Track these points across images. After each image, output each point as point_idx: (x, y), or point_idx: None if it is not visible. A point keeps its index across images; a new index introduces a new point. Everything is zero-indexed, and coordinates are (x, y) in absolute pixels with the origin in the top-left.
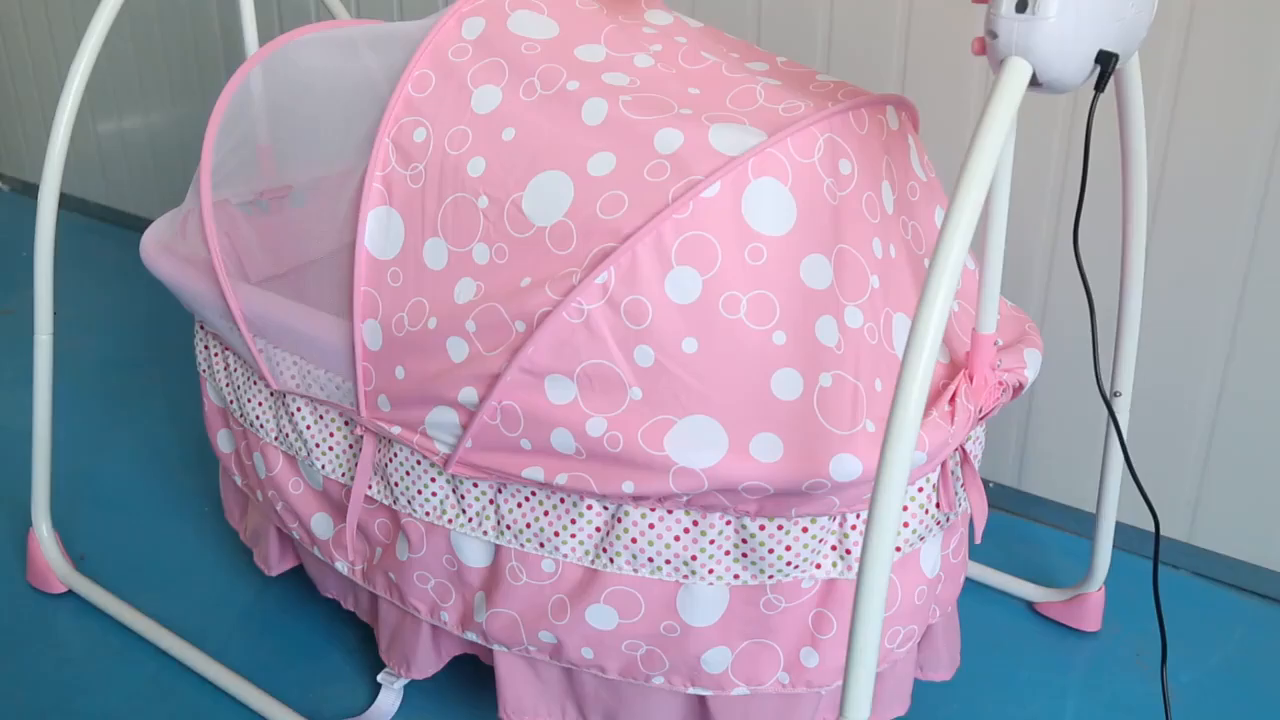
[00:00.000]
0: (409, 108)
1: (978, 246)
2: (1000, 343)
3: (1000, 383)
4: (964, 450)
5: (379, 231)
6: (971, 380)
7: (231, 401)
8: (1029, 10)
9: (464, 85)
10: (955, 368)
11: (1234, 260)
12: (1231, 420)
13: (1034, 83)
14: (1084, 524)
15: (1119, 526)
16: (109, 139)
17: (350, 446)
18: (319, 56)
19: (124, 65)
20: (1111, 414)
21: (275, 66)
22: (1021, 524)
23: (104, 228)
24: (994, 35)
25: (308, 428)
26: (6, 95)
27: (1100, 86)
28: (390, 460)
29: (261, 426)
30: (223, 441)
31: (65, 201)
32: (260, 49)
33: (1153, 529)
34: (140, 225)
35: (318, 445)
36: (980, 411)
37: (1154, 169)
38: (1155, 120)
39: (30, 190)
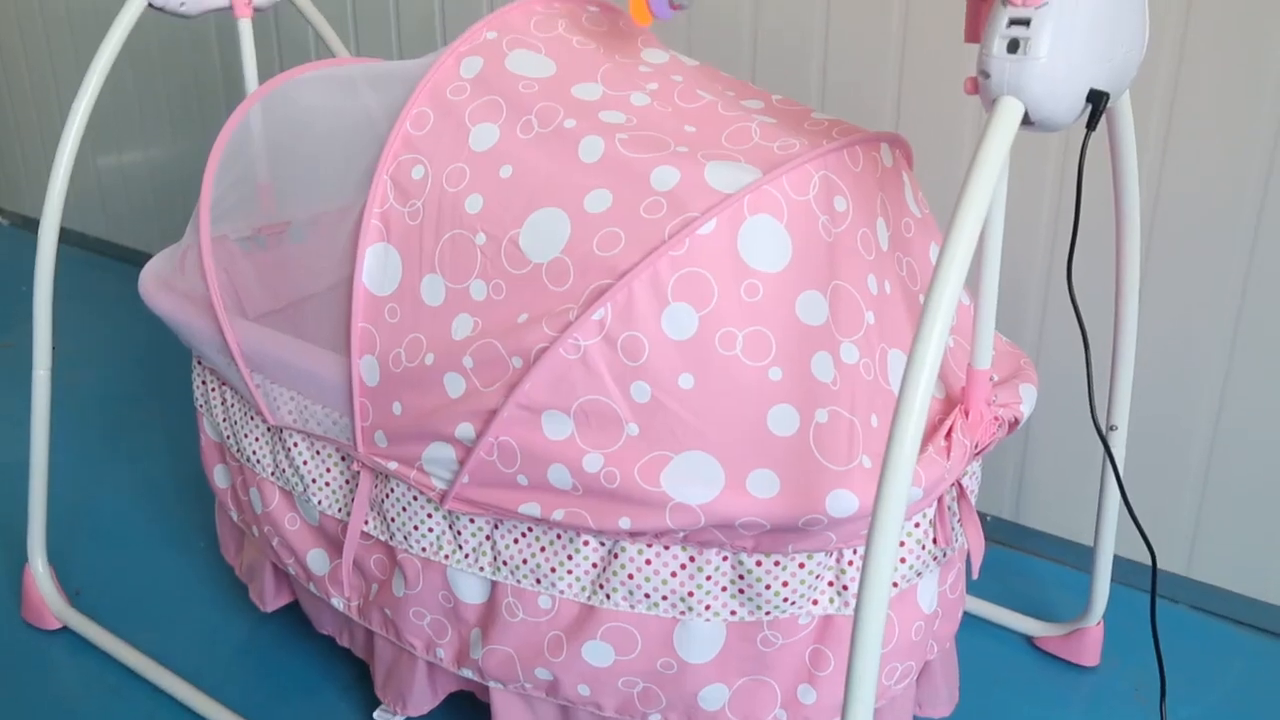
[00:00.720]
0: (407, 145)
1: (972, 282)
2: (996, 378)
3: (996, 418)
4: (960, 485)
5: (377, 268)
6: (967, 416)
7: (228, 437)
8: (1020, 51)
9: (462, 123)
10: (951, 403)
11: (1227, 293)
12: (1228, 453)
13: (1026, 121)
14: (1082, 557)
15: (1117, 560)
16: (109, 173)
17: (347, 482)
18: (318, 94)
19: (125, 100)
20: (1107, 449)
21: (275, 104)
22: (1019, 558)
23: (103, 261)
24: (986, 75)
25: (304, 463)
26: (7, 129)
27: (1092, 125)
28: (387, 496)
29: (258, 462)
30: (219, 477)
31: (64, 235)
32: (260, 86)
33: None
34: (139, 259)
35: (314, 481)
36: (976, 447)
37: (1147, 204)
38: (1147, 156)
39: (30, 224)
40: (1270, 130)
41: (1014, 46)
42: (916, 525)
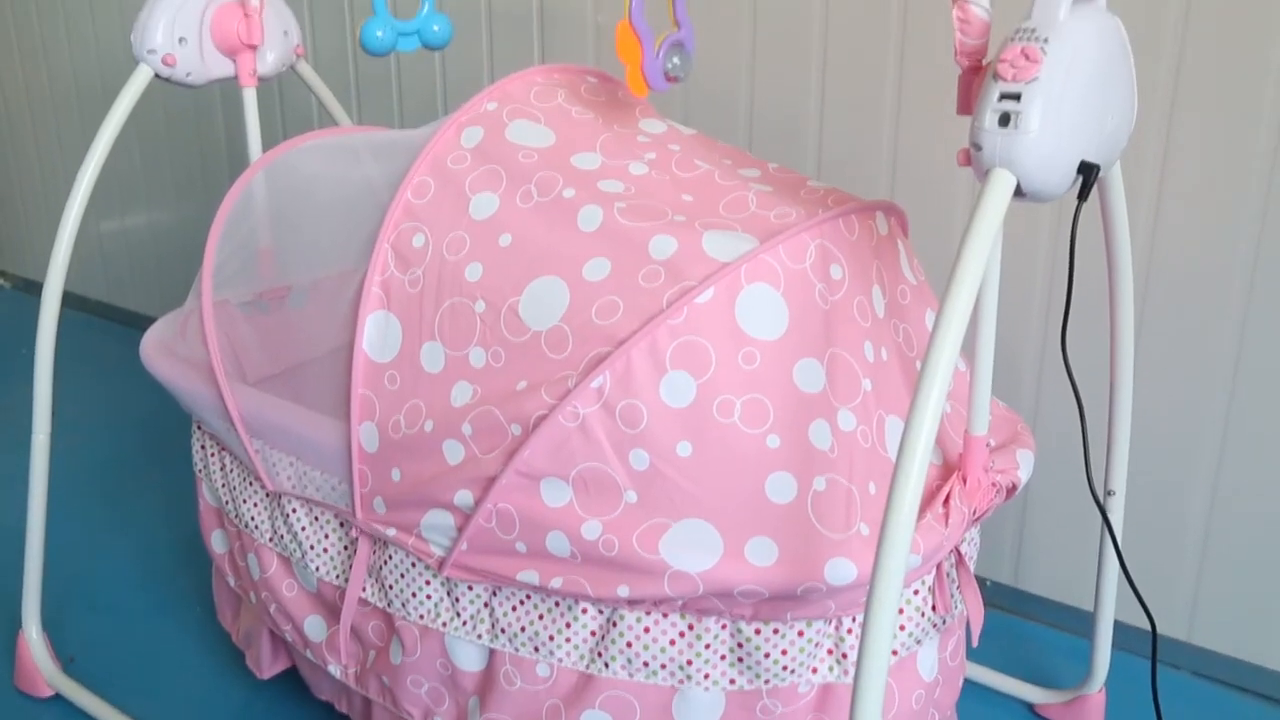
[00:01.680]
0: (408, 214)
1: (968, 348)
2: (993, 444)
3: (994, 484)
4: (959, 552)
5: (377, 335)
6: (965, 482)
7: (227, 502)
8: (1012, 125)
9: (462, 192)
10: (948, 469)
11: (1222, 357)
12: (1227, 517)
13: (1018, 193)
14: (1083, 623)
15: (1118, 626)
16: (111, 237)
17: (345, 549)
18: (321, 162)
19: (129, 165)
20: (1104, 517)
21: (278, 171)
22: (1019, 623)
23: (104, 324)
24: (978, 148)
25: (303, 529)
26: (11, 192)
27: (1083, 196)
28: (385, 563)
29: (256, 528)
30: (217, 542)
31: (66, 298)
32: (264, 155)
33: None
34: (140, 322)
35: (312, 547)
36: (974, 514)
37: (1140, 270)
38: (1139, 223)
39: (32, 288)
40: (1259, 195)
41: (1005, 120)
42: (915, 593)
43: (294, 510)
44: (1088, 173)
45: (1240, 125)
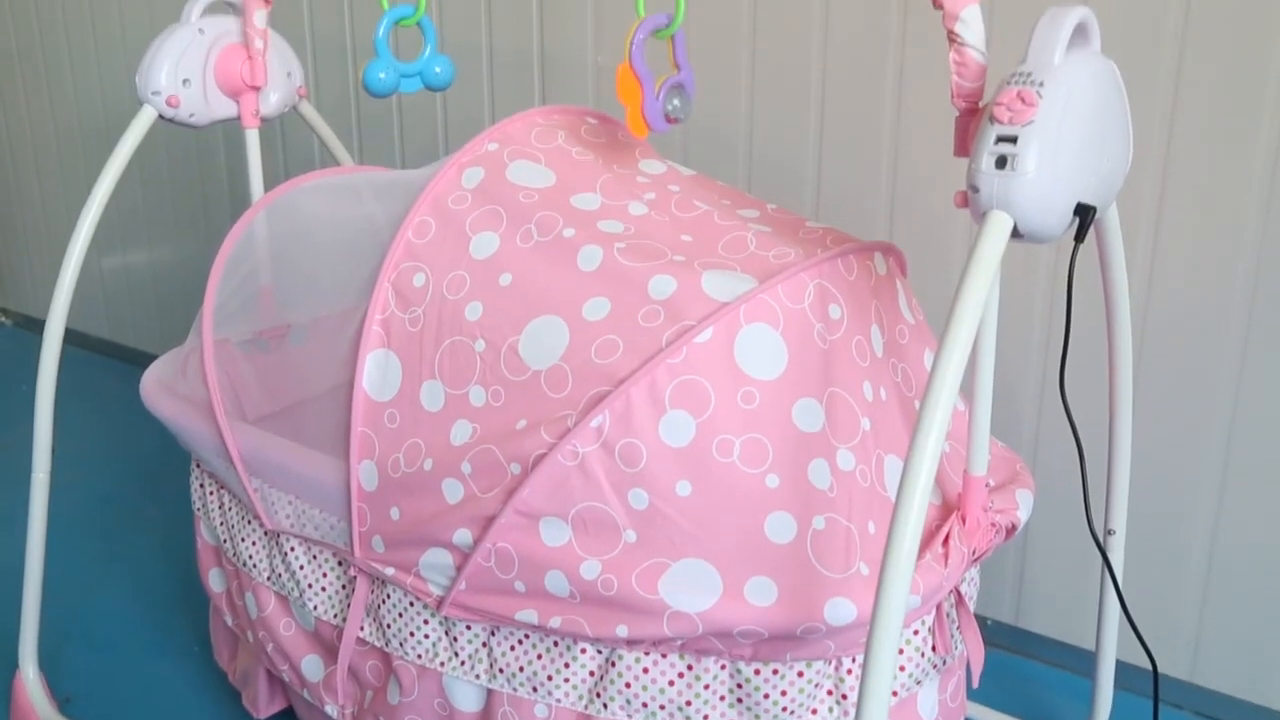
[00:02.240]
0: (409, 253)
1: (967, 388)
2: (992, 483)
3: (993, 524)
4: (958, 592)
5: (377, 373)
6: (964, 522)
7: (225, 540)
8: (1008, 167)
9: (463, 232)
10: (948, 509)
11: (1221, 395)
12: (1229, 556)
13: (1015, 234)
14: (1084, 662)
15: (1120, 666)
16: (113, 275)
17: (343, 588)
18: (322, 202)
19: (131, 204)
20: (1105, 558)
21: (279, 211)
22: (1021, 662)
23: (104, 361)
24: (975, 190)
25: (300, 568)
26: (14, 229)
27: (1080, 237)
28: (383, 602)
29: (254, 566)
30: (214, 581)
31: (67, 335)
32: (265, 194)
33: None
34: (140, 359)
35: (310, 586)
36: (974, 554)
37: (1138, 310)
38: (1137, 263)
39: (33, 325)
40: (1255, 233)
41: (1002, 162)
42: (915, 633)
43: (292, 549)
44: (1084, 214)
45: (1235, 164)
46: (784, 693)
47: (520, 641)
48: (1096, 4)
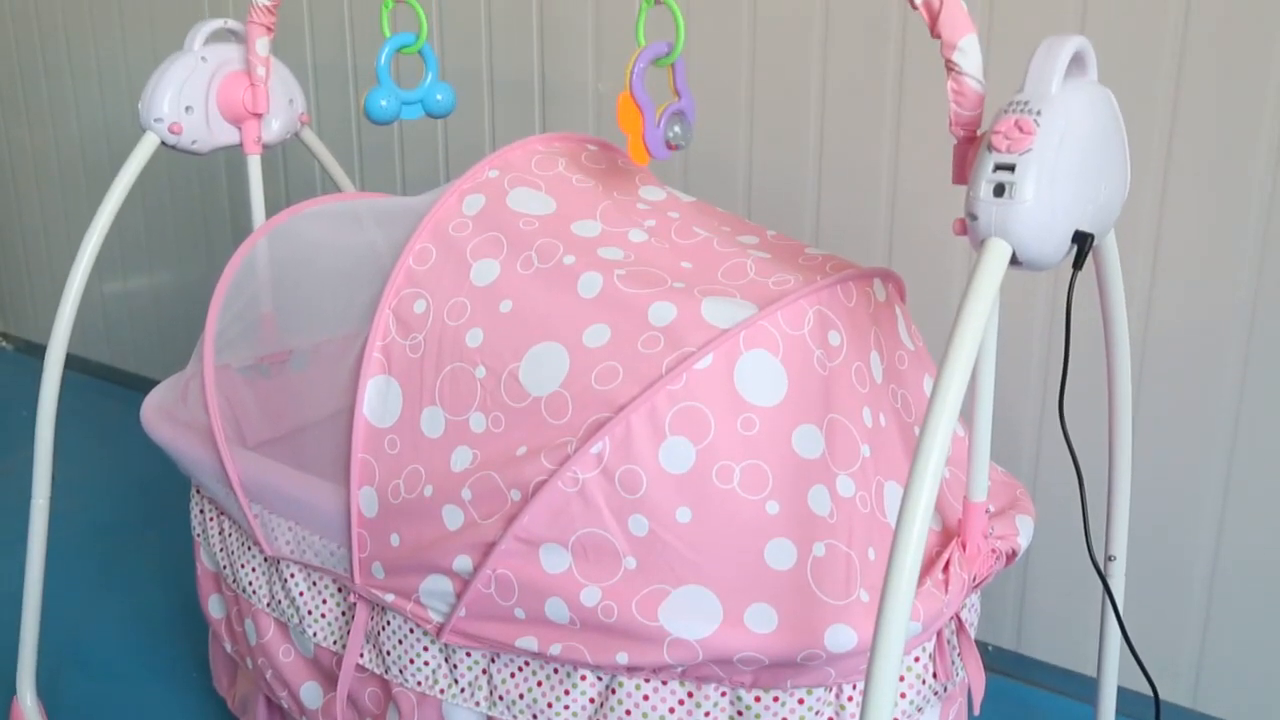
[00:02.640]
0: (410, 280)
1: (966, 413)
2: (992, 509)
3: (994, 550)
4: (959, 619)
5: (377, 400)
6: (965, 548)
7: (225, 566)
8: (1006, 195)
9: (463, 259)
10: (948, 535)
11: (1221, 420)
12: (1230, 582)
13: (1014, 261)
14: (1087, 688)
15: (1122, 692)
16: (114, 300)
17: (343, 614)
18: (324, 228)
19: (132, 229)
20: (1105, 585)
21: (281, 237)
22: (1022, 689)
23: (105, 386)
24: (974, 218)
25: (300, 594)
26: (15, 254)
27: (1078, 265)
28: (383, 628)
29: (254, 592)
30: (214, 607)
31: (67, 360)
32: (267, 220)
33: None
34: (141, 384)
35: (310, 612)
36: (974, 580)
37: (1136, 336)
38: (1135, 290)
39: (34, 350)
40: (1254, 259)
41: (1000, 190)
42: (916, 660)
43: (292, 575)
44: (1082, 242)
45: (1232, 191)
46: (785, 719)
47: (520, 668)
48: (1093, 33)
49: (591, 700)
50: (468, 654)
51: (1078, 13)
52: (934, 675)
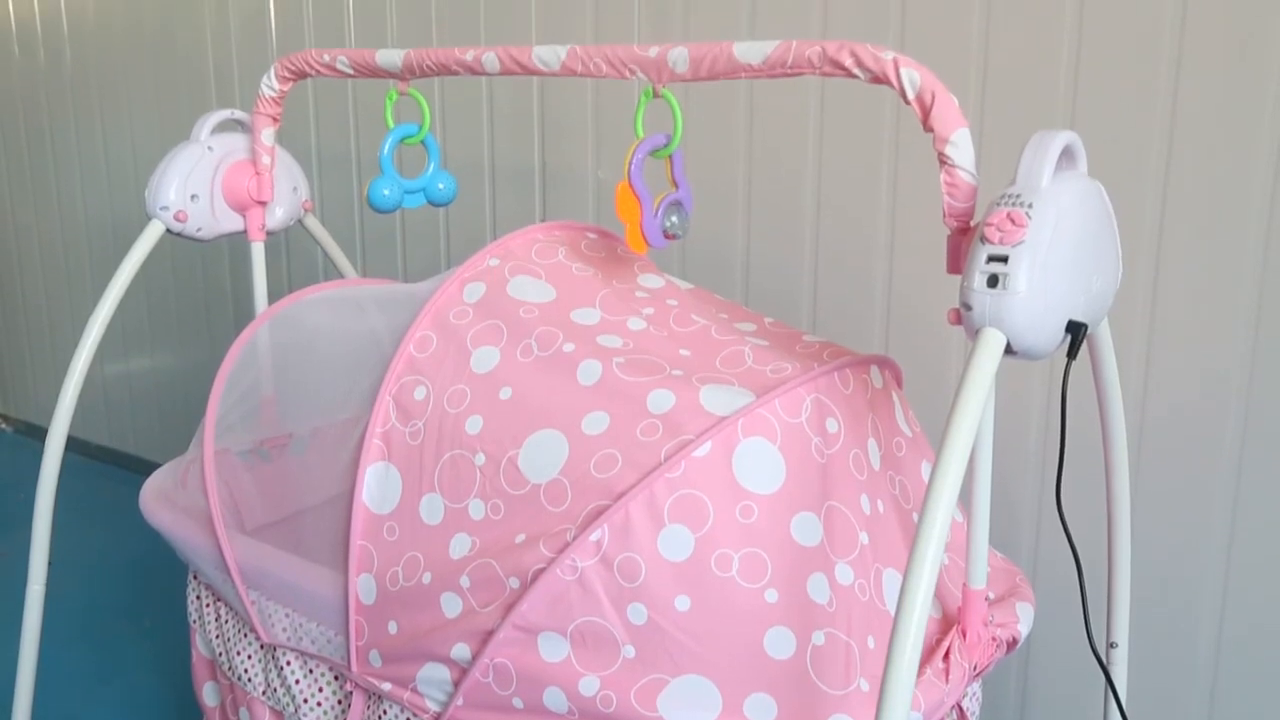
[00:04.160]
0: (410, 367)
1: (964, 499)
2: (992, 596)
3: (994, 638)
4: (960, 708)
5: (377, 486)
6: (965, 636)
7: (220, 654)
8: (1000, 286)
9: (464, 346)
10: (948, 622)
11: (1219, 505)
12: (1233, 667)
13: (1008, 351)
14: None
15: None
16: (115, 382)
17: (339, 702)
18: (326, 314)
19: (135, 312)
20: (1107, 675)
21: (283, 323)
22: None
23: (104, 468)
24: (968, 308)
25: (296, 682)
26: (17, 336)
27: (1072, 354)
28: (380, 717)
29: (249, 680)
30: (208, 695)
31: (67, 443)
32: (269, 307)
33: None
34: (141, 467)
35: (306, 701)
36: (975, 668)
37: (1133, 422)
38: (1130, 376)
39: (34, 432)
40: (1246, 343)
41: (993, 281)
42: None
43: (288, 663)
44: (1076, 331)
45: (1224, 279)
46: None
47: None
48: (1082, 128)
49: None
50: None
51: (1067, 105)
52: None
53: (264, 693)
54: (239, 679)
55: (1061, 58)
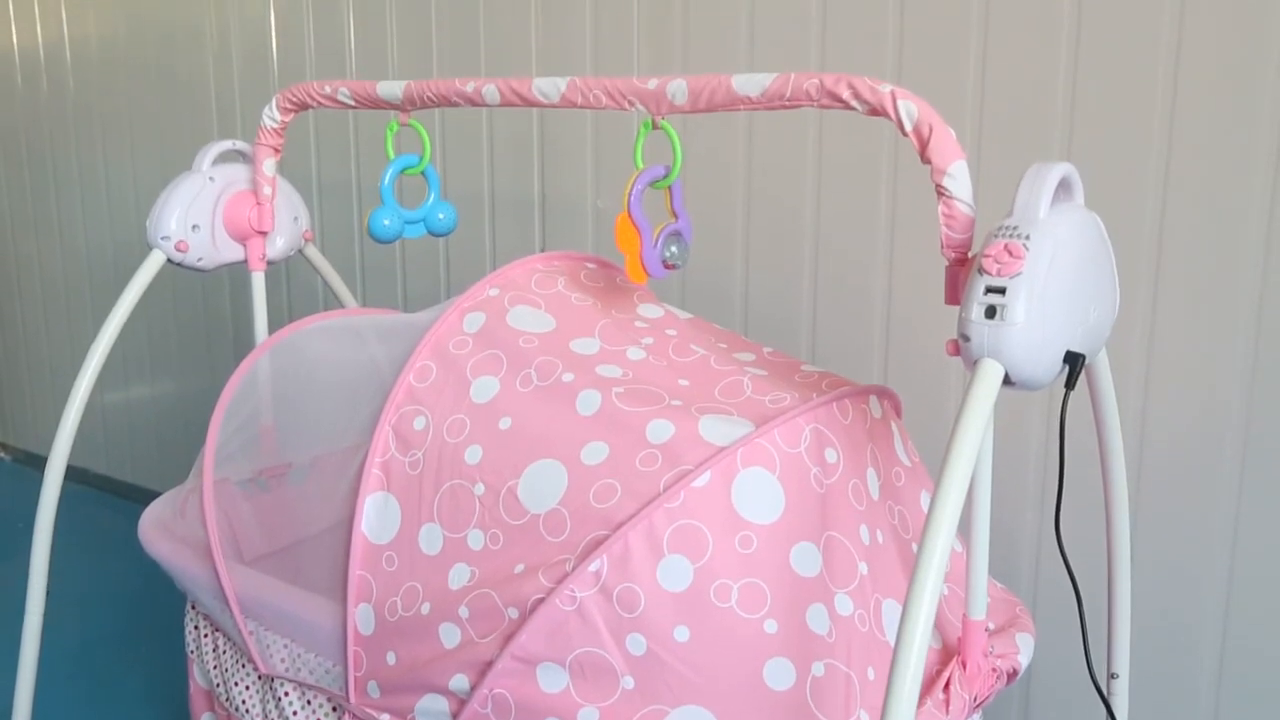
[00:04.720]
0: (410, 397)
1: (964, 529)
2: (992, 627)
3: (994, 669)
4: None
5: (376, 516)
6: (965, 667)
7: (218, 684)
8: (998, 317)
9: (463, 376)
10: (948, 653)
11: (1220, 533)
12: (1237, 695)
13: (1006, 381)
14: None
15: None
16: (114, 411)
17: None
18: (326, 344)
19: (135, 340)
20: (1107, 705)
21: (283, 352)
22: None
23: (102, 496)
24: (966, 339)
25: (294, 713)
26: (17, 365)
27: (1070, 385)
28: None
29: (247, 711)
30: None
31: (66, 472)
32: (269, 337)
33: None
34: (139, 495)
35: None
36: (975, 700)
37: (1132, 452)
38: (1129, 406)
39: (33, 460)
40: (1244, 374)
41: (991, 313)
42: None
43: (286, 694)
44: (1074, 362)
45: (1221, 308)
46: None
47: None
48: (1079, 159)
49: None
50: None
51: (1064, 137)
52: None
53: None
54: (237, 710)
55: (1058, 90)
